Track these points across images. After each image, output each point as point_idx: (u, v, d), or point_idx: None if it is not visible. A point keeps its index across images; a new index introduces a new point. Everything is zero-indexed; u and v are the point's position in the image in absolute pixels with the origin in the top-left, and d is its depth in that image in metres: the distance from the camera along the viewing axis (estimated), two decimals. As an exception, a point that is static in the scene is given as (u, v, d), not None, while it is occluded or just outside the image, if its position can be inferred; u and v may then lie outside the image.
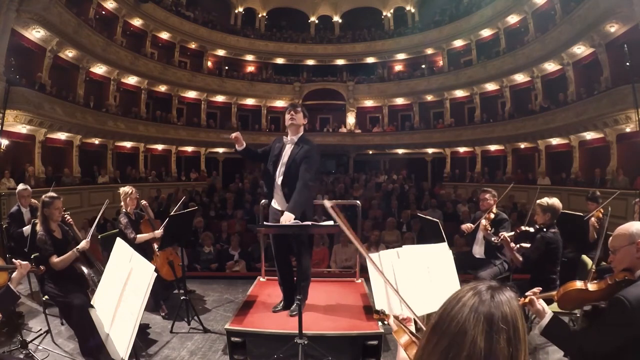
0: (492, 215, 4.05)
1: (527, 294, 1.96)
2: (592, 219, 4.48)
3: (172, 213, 4.25)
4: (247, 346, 3.07)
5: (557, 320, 1.86)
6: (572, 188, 11.01)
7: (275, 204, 3.42)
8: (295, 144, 3.29)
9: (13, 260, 2.76)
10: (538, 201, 3.50)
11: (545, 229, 3.37)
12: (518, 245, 3.49)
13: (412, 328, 1.48)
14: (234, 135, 3.27)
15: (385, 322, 1.69)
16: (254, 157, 3.58)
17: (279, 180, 3.28)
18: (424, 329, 0.97)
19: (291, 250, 3.46)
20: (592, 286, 1.87)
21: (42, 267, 3.04)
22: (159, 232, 4.26)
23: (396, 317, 1.50)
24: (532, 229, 3.49)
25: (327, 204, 1.70)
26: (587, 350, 1.74)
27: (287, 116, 3.31)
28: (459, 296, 0.86)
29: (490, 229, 3.89)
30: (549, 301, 2.00)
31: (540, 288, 1.99)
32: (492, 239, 3.67)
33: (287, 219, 2.94)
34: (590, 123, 11.08)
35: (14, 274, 2.60)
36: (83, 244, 3.30)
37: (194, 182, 15.18)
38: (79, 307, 3.00)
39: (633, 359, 1.65)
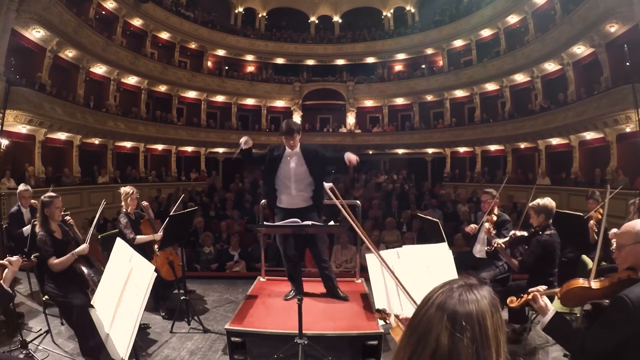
0: (495, 217, 4.05)
1: (530, 290, 1.96)
2: (591, 222, 4.45)
3: (172, 212, 4.24)
4: (247, 346, 3.07)
5: (559, 317, 1.86)
6: (572, 188, 11.00)
7: (284, 204, 3.63)
8: (301, 154, 3.57)
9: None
10: (530, 204, 3.50)
11: (540, 232, 3.34)
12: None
13: None
14: (243, 139, 3.46)
15: (387, 321, 1.70)
16: (252, 159, 3.76)
17: (294, 184, 3.55)
18: None
19: (304, 241, 3.62)
20: (595, 284, 1.88)
21: (32, 259, 3.00)
22: (158, 235, 4.25)
23: (397, 316, 1.51)
24: (526, 233, 3.47)
25: (327, 185, 1.77)
26: (588, 348, 1.75)
27: (289, 142, 3.51)
28: (431, 294, 0.89)
29: (493, 231, 3.89)
30: (551, 298, 2.00)
31: (545, 286, 1.99)
32: (485, 247, 3.68)
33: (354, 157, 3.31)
34: (590, 123, 11.07)
35: (6, 273, 2.53)
36: (82, 247, 3.28)
37: (194, 182, 15.16)
38: (79, 307, 3.00)
39: (634, 356, 1.66)
